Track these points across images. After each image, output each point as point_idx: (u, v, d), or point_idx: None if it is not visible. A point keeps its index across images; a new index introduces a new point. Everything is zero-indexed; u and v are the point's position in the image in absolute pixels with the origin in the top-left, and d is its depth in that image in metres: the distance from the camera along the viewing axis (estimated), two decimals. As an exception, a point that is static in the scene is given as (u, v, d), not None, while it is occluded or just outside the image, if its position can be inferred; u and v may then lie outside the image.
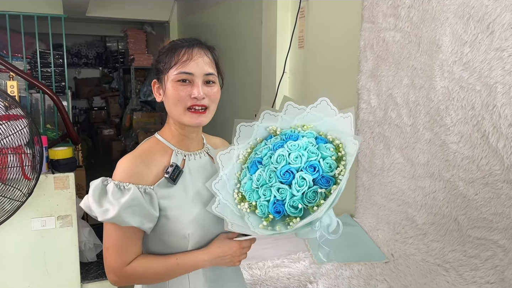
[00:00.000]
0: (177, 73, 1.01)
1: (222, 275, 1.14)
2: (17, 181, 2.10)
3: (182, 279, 1.08)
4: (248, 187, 1.04)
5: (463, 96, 1.56)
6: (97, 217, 0.98)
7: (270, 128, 1.12)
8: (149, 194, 1.00)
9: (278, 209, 0.98)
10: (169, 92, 1.03)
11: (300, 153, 1.00)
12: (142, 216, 0.99)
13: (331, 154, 1.01)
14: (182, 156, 1.09)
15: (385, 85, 1.90)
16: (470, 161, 1.56)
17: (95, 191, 0.98)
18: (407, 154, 1.82)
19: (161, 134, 1.11)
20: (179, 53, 1.03)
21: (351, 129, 1.05)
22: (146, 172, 1.02)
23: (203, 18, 4.37)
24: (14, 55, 3.95)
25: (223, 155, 1.10)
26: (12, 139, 2.06)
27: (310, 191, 0.96)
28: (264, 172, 1.01)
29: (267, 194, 1.00)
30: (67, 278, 2.51)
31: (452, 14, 1.59)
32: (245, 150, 1.11)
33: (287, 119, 1.12)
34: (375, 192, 2.00)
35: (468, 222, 1.58)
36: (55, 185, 2.40)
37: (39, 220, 2.40)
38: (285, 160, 1.00)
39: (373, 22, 1.96)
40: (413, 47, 1.76)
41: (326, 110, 1.10)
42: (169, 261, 1.02)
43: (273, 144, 1.06)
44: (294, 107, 1.12)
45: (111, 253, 1.00)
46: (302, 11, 2.58)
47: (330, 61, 2.38)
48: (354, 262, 1.73)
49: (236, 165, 1.10)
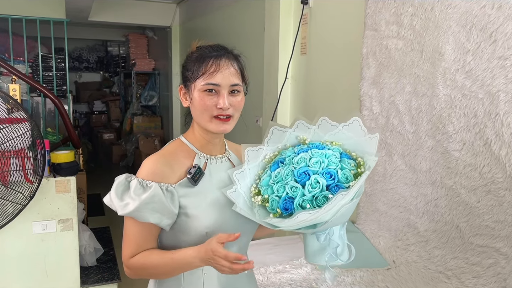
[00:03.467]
0: (204, 84, 1.05)
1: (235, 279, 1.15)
2: (19, 184, 2.10)
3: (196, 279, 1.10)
4: (265, 182, 1.07)
5: (465, 104, 1.57)
6: (117, 210, 1.02)
7: (301, 137, 1.15)
8: (171, 191, 1.04)
9: (287, 206, 1.01)
10: (196, 101, 1.07)
11: (321, 159, 1.03)
12: (161, 213, 1.03)
13: (351, 168, 1.04)
14: (204, 159, 1.13)
15: (388, 92, 1.91)
16: (472, 169, 1.56)
17: (118, 186, 1.03)
18: (409, 161, 1.83)
19: (185, 136, 1.15)
20: (206, 64, 1.06)
21: (374, 148, 1.08)
22: (169, 172, 1.06)
23: (205, 24, 4.39)
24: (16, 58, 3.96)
25: (251, 151, 1.14)
26: (14, 142, 2.06)
27: (322, 195, 0.99)
28: (283, 170, 1.05)
29: (280, 190, 1.03)
30: (67, 282, 2.50)
31: (455, 23, 1.60)
32: (273, 153, 1.15)
33: (319, 134, 1.16)
34: (376, 199, 2.00)
35: (470, 229, 1.58)
36: (57, 188, 2.41)
37: (40, 223, 2.39)
38: (305, 162, 1.03)
39: (375, 30, 1.97)
40: (415, 55, 1.77)
41: (356, 130, 1.12)
42: (165, 255, 1.04)
43: (299, 149, 1.09)
44: (327, 123, 1.15)
45: (125, 245, 1.05)
46: (304, 17, 2.60)
47: (332, 68, 2.39)
48: (356, 269, 1.73)
49: (261, 163, 1.14)
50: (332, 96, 2.39)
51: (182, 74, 1.12)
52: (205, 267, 1.09)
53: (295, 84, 2.74)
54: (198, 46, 1.12)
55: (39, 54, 4.01)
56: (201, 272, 1.10)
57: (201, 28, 4.56)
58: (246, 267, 0.92)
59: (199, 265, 1.02)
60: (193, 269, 1.06)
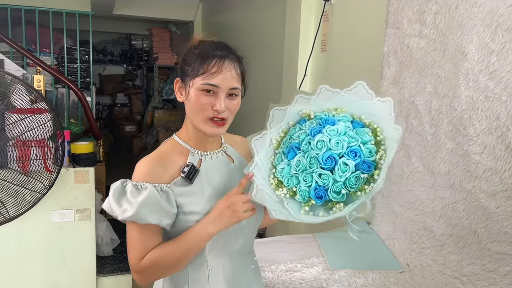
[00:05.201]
0: (203, 83, 1.03)
1: (241, 275, 1.15)
2: (39, 173, 2.15)
3: (201, 276, 1.09)
4: (286, 172, 1.04)
5: (488, 106, 1.52)
6: (117, 216, 1.01)
7: (303, 112, 1.12)
8: (166, 192, 1.03)
9: (320, 194, 0.99)
10: (192, 98, 1.05)
11: (341, 138, 1.00)
12: (159, 213, 1.01)
13: (370, 138, 1.01)
14: (198, 156, 1.11)
15: (408, 92, 1.87)
16: (492, 173, 1.52)
17: (115, 192, 1.02)
18: (427, 163, 1.78)
19: (178, 135, 1.14)
20: (209, 63, 1.03)
21: (391, 113, 1.04)
22: (163, 173, 1.05)
23: (227, 19, 4.39)
24: (42, 50, 4.04)
25: (257, 140, 1.10)
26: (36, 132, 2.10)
27: (352, 177, 0.97)
28: (304, 158, 1.01)
29: (308, 180, 1.00)
30: (83, 271, 2.56)
31: (479, 22, 1.55)
32: (278, 134, 1.11)
33: (320, 102, 1.11)
34: (393, 200, 1.97)
35: (488, 235, 1.54)
36: (76, 178, 2.46)
37: (59, 212, 2.45)
38: (326, 146, 1.00)
39: (397, 28, 1.93)
40: (437, 55, 1.73)
41: (362, 93, 1.08)
42: (175, 240, 1.03)
43: (310, 129, 1.05)
44: (328, 90, 1.11)
45: (131, 251, 1.03)
46: (326, 14, 2.57)
47: (352, 66, 2.36)
48: (368, 270, 1.71)
49: (269, 149, 1.10)
50: (352, 95, 2.36)
51: (181, 68, 1.09)
52: (210, 263, 1.09)
53: (314, 81, 2.71)
54: (201, 41, 1.09)
55: (65, 46, 4.09)
56: (206, 268, 1.09)
57: (222, 23, 4.56)
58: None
59: (211, 232, 1.00)
60: (205, 241, 1.03)
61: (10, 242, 2.40)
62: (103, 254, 2.80)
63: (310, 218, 0.98)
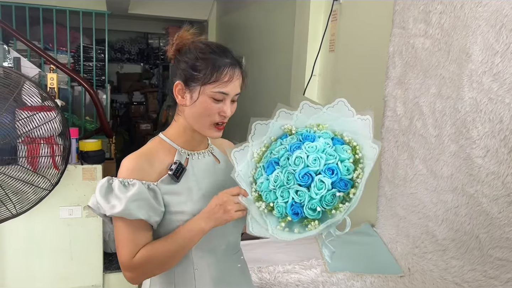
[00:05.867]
0: (216, 91, 1.03)
1: (228, 274, 1.15)
2: (46, 170, 2.19)
3: (187, 276, 1.10)
4: (264, 187, 1.04)
5: (491, 109, 1.48)
6: (106, 212, 1.00)
7: (285, 127, 1.12)
8: (153, 190, 1.03)
9: (296, 210, 0.98)
10: (200, 104, 1.05)
11: (319, 155, 0.99)
12: (148, 210, 1.01)
13: (349, 156, 1.00)
14: (185, 155, 1.12)
15: (412, 93, 1.84)
16: (495, 177, 1.48)
17: (101, 189, 1.01)
18: (430, 166, 1.75)
19: (165, 134, 1.14)
20: (221, 72, 1.04)
21: (369, 132, 1.03)
22: (150, 169, 1.05)
23: (239, 18, 4.39)
24: (60, 48, 4.12)
25: (237, 151, 1.11)
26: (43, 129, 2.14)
27: (329, 194, 0.96)
28: (281, 174, 1.01)
29: (285, 196, 1.00)
30: (91, 267, 2.60)
31: (484, 22, 1.51)
32: (259, 148, 1.12)
33: (303, 118, 1.12)
34: (396, 203, 1.93)
35: (490, 241, 1.50)
36: (83, 175, 2.49)
37: (67, 208, 2.49)
38: (303, 163, 1.00)
39: (403, 28, 1.89)
40: (442, 55, 1.69)
41: (343, 111, 1.09)
42: (169, 237, 1.04)
43: (290, 144, 1.05)
44: (310, 106, 1.12)
45: (121, 249, 1.02)
46: (334, 14, 2.54)
47: (359, 66, 2.33)
48: (367, 274, 1.69)
49: (250, 163, 1.11)
50: (358, 95, 2.33)
51: (186, 71, 1.06)
52: (195, 262, 1.09)
53: (323, 81, 2.69)
54: (203, 43, 1.08)
55: (81, 45, 4.16)
56: (192, 268, 1.10)
57: (235, 23, 4.56)
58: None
59: (203, 227, 1.01)
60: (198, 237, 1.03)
61: (19, 237, 2.45)
62: (111, 250, 2.84)
63: (285, 235, 0.98)
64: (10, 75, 1.95)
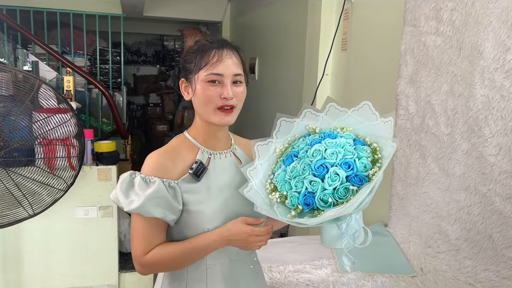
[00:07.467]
0: (207, 74, 1.05)
1: (240, 274, 1.16)
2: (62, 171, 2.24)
3: (200, 274, 1.11)
4: (281, 178, 1.06)
5: (503, 106, 1.46)
6: (123, 207, 1.04)
7: (310, 126, 1.14)
8: (173, 188, 1.06)
9: (308, 201, 0.99)
10: (199, 92, 1.07)
11: (337, 150, 1.01)
12: (165, 208, 1.04)
13: (367, 155, 1.01)
14: (208, 154, 1.13)
15: (424, 92, 1.82)
16: (508, 176, 1.45)
17: (123, 183, 1.05)
18: (442, 165, 1.73)
19: (189, 132, 1.17)
20: (209, 55, 1.06)
21: (390, 132, 1.04)
22: (172, 167, 1.07)
23: (253, 19, 4.40)
24: (77, 51, 4.20)
25: (261, 145, 1.13)
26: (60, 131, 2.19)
27: (342, 187, 0.97)
28: (298, 164, 1.03)
29: (298, 186, 1.01)
30: (106, 266, 2.64)
31: (495, 18, 1.48)
32: (283, 145, 1.14)
33: (328, 120, 1.13)
34: (409, 203, 1.91)
35: (504, 240, 1.47)
36: (98, 176, 2.54)
37: (83, 209, 2.54)
38: (320, 155, 1.01)
39: (414, 26, 1.87)
40: (454, 53, 1.67)
41: (367, 114, 1.10)
42: (182, 245, 1.06)
43: (311, 140, 1.07)
44: (336, 109, 1.13)
45: (134, 242, 1.06)
46: (346, 12, 2.53)
47: (371, 65, 2.31)
48: (379, 274, 1.67)
49: (272, 157, 1.13)
50: (371, 94, 2.31)
51: (183, 68, 1.12)
52: (208, 262, 1.11)
53: (335, 80, 2.68)
54: (196, 40, 1.13)
55: (97, 48, 4.23)
56: (205, 267, 1.11)
57: (249, 23, 4.58)
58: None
59: (218, 247, 1.05)
60: (210, 253, 1.07)
61: (37, 236, 2.51)
62: (126, 250, 2.88)
63: (293, 220, 0.99)
64: (28, 79, 2.00)
